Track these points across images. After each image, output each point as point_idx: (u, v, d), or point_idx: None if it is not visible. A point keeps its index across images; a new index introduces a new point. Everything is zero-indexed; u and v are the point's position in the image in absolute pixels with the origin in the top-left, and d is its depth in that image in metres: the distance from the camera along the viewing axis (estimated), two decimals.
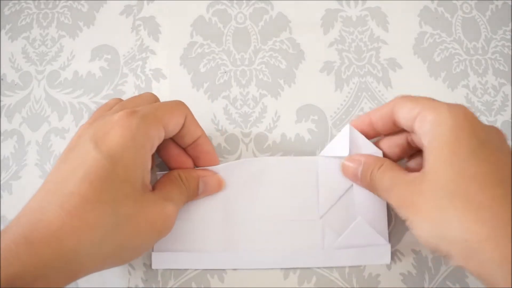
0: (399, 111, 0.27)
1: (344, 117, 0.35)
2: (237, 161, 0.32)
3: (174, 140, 0.30)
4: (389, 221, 0.31)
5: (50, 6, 0.40)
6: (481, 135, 0.24)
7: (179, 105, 0.28)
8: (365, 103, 0.35)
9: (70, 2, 0.40)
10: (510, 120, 0.34)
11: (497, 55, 0.36)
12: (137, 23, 0.38)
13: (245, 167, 0.32)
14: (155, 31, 0.38)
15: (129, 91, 0.36)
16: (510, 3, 0.38)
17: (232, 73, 0.36)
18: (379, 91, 0.35)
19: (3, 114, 0.37)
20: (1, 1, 0.40)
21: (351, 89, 0.35)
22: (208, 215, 0.31)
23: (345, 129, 0.30)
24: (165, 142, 0.29)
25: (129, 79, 0.37)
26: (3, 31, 0.39)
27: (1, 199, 0.34)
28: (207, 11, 0.38)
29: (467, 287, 0.30)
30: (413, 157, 0.30)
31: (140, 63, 0.37)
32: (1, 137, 0.36)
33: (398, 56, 0.36)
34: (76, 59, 0.38)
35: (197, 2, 0.38)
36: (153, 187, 0.28)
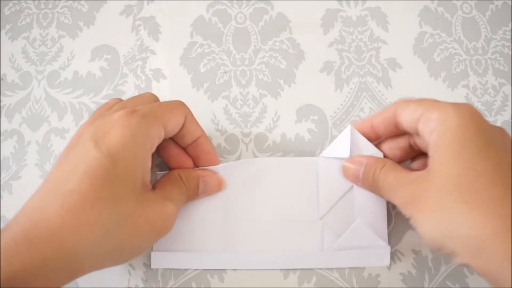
0: (401, 114, 0.27)
1: (344, 117, 0.35)
2: (237, 161, 0.32)
3: (174, 140, 0.30)
4: (389, 221, 0.31)
5: (50, 6, 0.40)
6: (487, 133, 0.24)
7: (179, 105, 0.28)
8: (365, 103, 0.35)
9: (70, 2, 0.40)
10: (510, 120, 0.34)
11: (497, 55, 0.36)
12: (137, 23, 0.38)
13: (245, 167, 0.31)
14: (155, 31, 0.38)
15: (129, 91, 0.36)
16: (510, 3, 0.38)
17: (232, 73, 0.36)
18: (379, 91, 0.35)
19: (3, 114, 0.37)
20: (1, 1, 0.40)
21: (351, 89, 0.35)
22: (208, 215, 0.31)
23: (346, 130, 0.30)
24: (165, 141, 0.29)
25: (129, 79, 0.37)
26: (3, 31, 0.39)
27: (1, 199, 0.34)
28: (207, 11, 0.38)
29: (467, 287, 0.30)
30: (415, 159, 0.30)
31: (140, 63, 0.37)
32: (1, 137, 0.36)
33: (398, 56, 0.36)
34: (76, 59, 0.38)
35: (197, 2, 0.38)
36: (153, 186, 0.28)
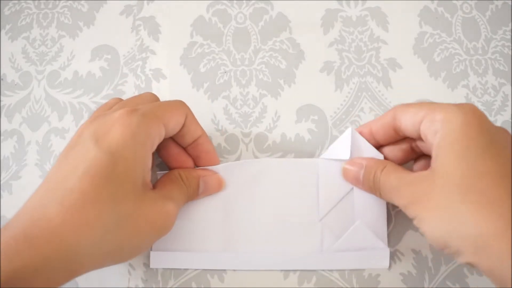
0: (401, 118, 0.27)
1: (344, 117, 0.35)
2: (237, 161, 0.32)
3: (175, 140, 0.30)
4: (389, 221, 0.31)
5: (50, 6, 0.40)
6: (490, 133, 0.24)
7: (179, 104, 0.28)
8: (365, 103, 0.35)
9: (70, 2, 0.40)
10: (510, 120, 0.34)
11: (497, 55, 0.36)
12: (137, 23, 0.38)
13: (246, 168, 0.31)
14: (155, 31, 0.38)
15: (129, 91, 0.36)
16: (510, 3, 0.38)
17: (232, 73, 0.36)
18: (379, 91, 0.35)
19: (3, 114, 0.37)
20: (1, 1, 0.40)
21: (351, 89, 0.35)
22: (208, 215, 0.31)
23: (347, 132, 0.30)
24: (166, 141, 0.29)
25: (129, 79, 0.37)
26: (3, 31, 0.39)
27: (1, 199, 0.34)
28: (207, 11, 0.38)
29: (467, 287, 0.30)
30: (417, 161, 0.30)
31: (140, 63, 0.37)
32: (1, 137, 0.36)
33: (398, 56, 0.36)
34: (76, 59, 0.38)
35: (197, 2, 0.38)
36: (154, 186, 0.28)
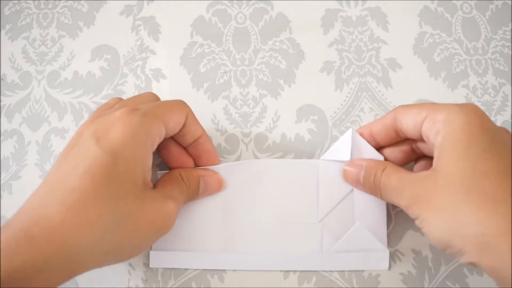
0: (402, 119, 0.27)
1: (344, 117, 0.35)
2: (237, 161, 0.32)
3: (175, 140, 0.30)
4: (389, 221, 0.31)
5: (50, 6, 0.40)
6: (492, 133, 0.24)
7: (180, 104, 0.28)
8: (365, 103, 0.35)
9: (70, 2, 0.40)
10: (510, 120, 0.34)
11: (497, 55, 0.36)
12: (137, 23, 0.38)
13: (246, 168, 0.31)
14: (155, 31, 0.38)
15: (129, 91, 0.36)
16: (510, 3, 0.38)
17: (232, 73, 0.36)
18: (379, 91, 0.35)
19: (3, 114, 0.37)
20: (1, 1, 0.40)
21: (351, 89, 0.35)
22: (208, 215, 0.31)
23: (347, 133, 0.30)
24: (166, 141, 0.29)
25: (129, 79, 0.37)
26: (3, 31, 0.39)
27: (1, 199, 0.34)
28: (207, 11, 0.38)
29: (467, 287, 0.30)
30: (417, 162, 0.30)
31: (140, 63, 0.37)
32: (1, 137, 0.36)
33: (398, 56, 0.36)
34: (76, 59, 0.38)
35: (197, 2, 0.38)
36: (154, 185, 0.28)
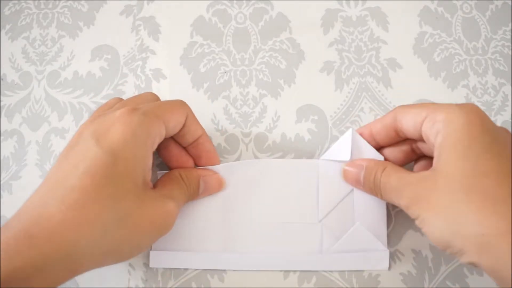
0: (403, 119, 0.27)
1: (344, 117, 0.35)
2: (237, 162, 0.32)
3: (175, 140, 0.30)
4: (389, 221, 0.31)
5: (50, 6, 0.40)
6: (492, 133, 0.24)
7: (180, 104, 0.28)
8: (365, 103, 0.35)
9: (70, 2, 0.40)
10: (510, 120, 0.34)
11: (497, 55, 0.36)
12: (137, 23, 0.38)
13: (246, 168, 0.31)
14: (155, 31, 0.38)
15: (129, 91, 0.36)
16: (510, 3, 0.38)
17: (232, 73, 0.36)
18: (379, 91, 0.35)
19: (3, 114, 0.37)
20: (1, 1, 0.40)
21: (351, 89, 0.35)
22: (208, 215, 0.31)
23: (347, 133, 0.30)
24: (166, 141, 0.29)
25: (129, 79, 0.37)
26: (3, 31, 0.39)
27: (1, 199, 0.34)
28: (207, 11, 0.38)
29: (467, 287, 0.30)
30: (417, 162, 0.30)
31: (140, 63, 0.37)
32: (1, 137, 0.36)
33: (398, 56, 0.36)
34: (76, 59, 0.38)
35: (197, 2, 0.38)
36: (154, 185, 0.28)
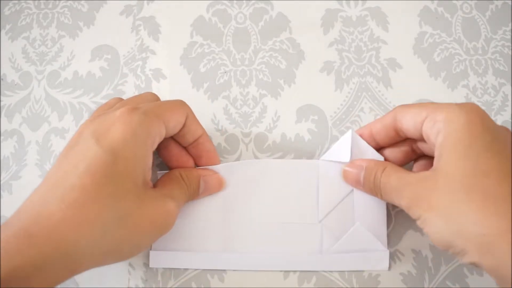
0: (403, 118, 0.27)
1: (344, 117, 0.35)
2: (238, 162, 0.32)
3: (175, 139, 0.30)
4: (389, 221, 0.31)
5: (50, 6, 0.40)
6: (493, 132, 0.24)
7: (180, 104, 0.28)
8: (365, 103, 0.35)
9: (70, 2, 0.40)
10: (510, 120, 0.34)
11: (497, 55, 0.36)
12: (137, 23, 0.38)
13: (246, 168, 0.31)
14: (155, 31, 0.38)
15: (129, 91, 0.36)
16: (510, 3, 0.38)
17: (232, 73, 0.36)
18: (379, 91, 0.35)
19: (3, 114, 0.37)
20: (1, 1, 0.40)
21: (351, 89, 0.35)
22: (208, 215, 0.31)
23: (347, 134, 0.30)
24: (166, 141, 0.29)
25: (129, 79, 0.37)
26: (3, 31, 0.39)
27: (1, 199, 0.34)
28: (207, 11, 0.38)
29: (467, 287, 0.30)
30: (416, 161, 0.30)
31: (140, 63, 0.37)
32: (1, 137, 0.36)
33: (398, 56, 0.36)
34: (76, 59, 0.38)
35: (197, 2, 0.38)
36: (154, 185, 0.28)
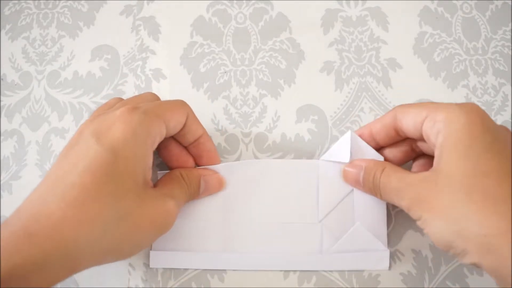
0: (403, 118, 0.27)
1: (344, 117, 0.35)
2: (238, 161, 0.32)
3: (176, 139, 0.30)
4: (389, 221, 0.31)
5: (50, 6, 0.40)
6: (493, 132, 0.24)
7: (180, 104, 0.29)
8: (365, 103, 0.35)
9: (70, 2, 0.40)
10: (510, 120, 0.34)
11: (497, 55, 0.36)
12: (137, 23, 0.38)
13: (246, 168, 0.31)
14: (155, 31, 0.38)
15: (129, 91, 0.36)
16: (510, 3, 0.38)
17: (232, 73, 0.36)
18: (379, 91, 0.35)
19: (3, 114, 0.37)
20: (1, 1, 0.40)
21: (351, 89, 0.35)
22: (208, 215, 0.31)
23: (346, 135, 0.30)
24: (166, 141, 0.29)
25: (129, 79, 0.37)
26: (3, 31, 0.39)
27: (1, 199, 0.34)
28: (207, 11, 0.38)
29: (467, 287, 0.30)
30: (416, 160, 0.30)
31: (140, 63, 0.37)
32: (1, 137, 0.36)
33: (398, 56, 0.36)
34: (76, 59, 0.38)
35: (197, 2, 0.38)
36: (154, 185, 0.28)
